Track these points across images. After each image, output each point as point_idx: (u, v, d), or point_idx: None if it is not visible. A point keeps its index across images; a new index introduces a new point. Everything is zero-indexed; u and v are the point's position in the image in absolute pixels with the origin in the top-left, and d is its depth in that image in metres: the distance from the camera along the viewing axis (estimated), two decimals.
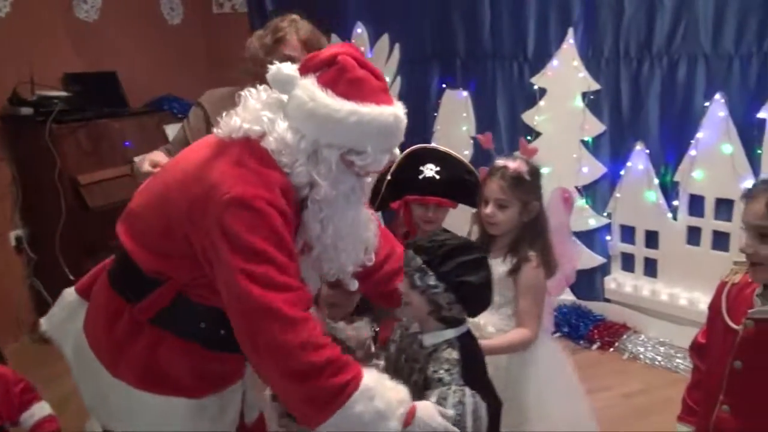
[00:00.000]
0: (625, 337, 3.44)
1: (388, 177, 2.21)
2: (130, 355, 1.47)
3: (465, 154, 3.86)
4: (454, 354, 1.50)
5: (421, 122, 4.08)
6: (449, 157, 2.26)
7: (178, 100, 4.18)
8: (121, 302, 1.49)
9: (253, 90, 1.49)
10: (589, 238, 3.65)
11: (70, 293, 1.68)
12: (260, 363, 1.36)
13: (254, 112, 1.44)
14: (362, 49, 4.13)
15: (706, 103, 3.12)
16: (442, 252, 1.48)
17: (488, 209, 1.95)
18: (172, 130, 3.48)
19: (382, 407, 1.33)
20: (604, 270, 3.66)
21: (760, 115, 2.96)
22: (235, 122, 1.43)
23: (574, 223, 3.64)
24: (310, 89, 1.39)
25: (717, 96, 3.08)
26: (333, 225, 1.48)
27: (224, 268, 1.34)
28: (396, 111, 1.45)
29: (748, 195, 1.48)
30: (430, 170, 2.17)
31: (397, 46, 4.05)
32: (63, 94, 3.57)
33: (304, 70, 1.44)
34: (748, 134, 3.02)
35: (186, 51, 4.54)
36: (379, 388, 1.36)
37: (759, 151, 3.00)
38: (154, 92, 4.22)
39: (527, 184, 1.95)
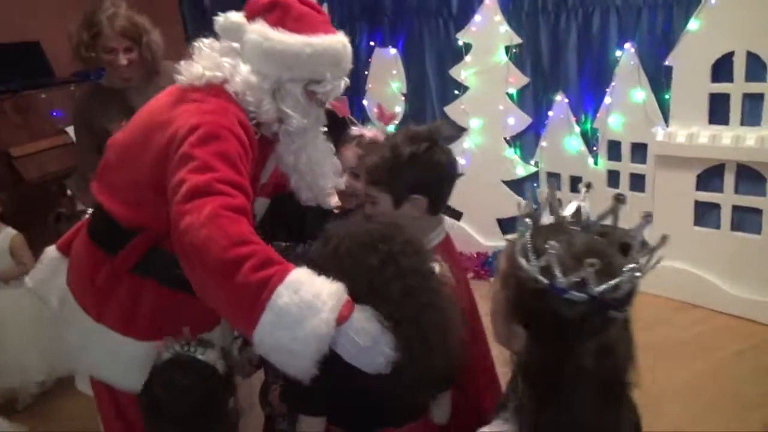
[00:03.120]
0: None
1: None
2: (112, 302, 1.53)
3: (397, 111, 3.97)
4: None
5: (353, 81, 4.14)
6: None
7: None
8: (100, 255, 1.55)
9: (204, 40, 1.55)
10: (518, 186, 3.83)
11: (51, 251, 1.74)
12: (189, 266, 1.31)
13: (213, 59, 1.50)
14: None
15: (619, 53, 3.29)
16: None
17: (343, 179, 1.80)
18: None
19: (310, 298, 1.21)
20: None
21: (667, 62, 3.14)
22: (196, 69, 1.49)
23: (504, 172, 3.84)
24: (262, 30, 1.48)
25: (627, 45, 3.24)
26: (306, 153, 1.61)
27: (171, 186, 1.34)
28: (342, 39, 1.58)
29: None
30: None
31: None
32: None
33: (248, 16, 1.52)
34: (657, 81, 3.20)
35: None
36: (308, 279, 1.24)
37: (667, 97, 3.19)
38: None
39: None
